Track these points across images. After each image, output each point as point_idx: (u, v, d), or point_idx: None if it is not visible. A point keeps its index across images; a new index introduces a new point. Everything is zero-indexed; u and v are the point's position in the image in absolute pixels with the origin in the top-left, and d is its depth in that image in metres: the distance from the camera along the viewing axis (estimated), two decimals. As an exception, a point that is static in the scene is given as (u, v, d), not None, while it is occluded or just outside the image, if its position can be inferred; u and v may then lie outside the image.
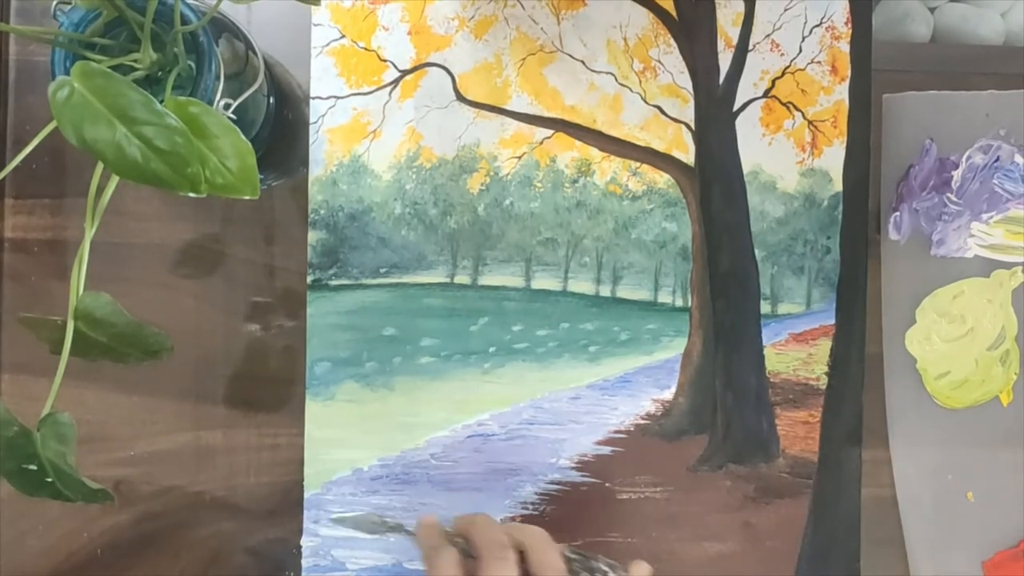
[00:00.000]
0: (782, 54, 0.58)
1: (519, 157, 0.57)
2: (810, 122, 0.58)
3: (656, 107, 0.58)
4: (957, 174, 0.60)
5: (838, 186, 0.58)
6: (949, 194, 0.59)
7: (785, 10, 0.58)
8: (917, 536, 0.59)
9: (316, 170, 0.56)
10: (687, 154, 0.58)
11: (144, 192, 0.55)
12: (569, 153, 0.57)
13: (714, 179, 0.58)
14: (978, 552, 0.60)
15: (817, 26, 0.58)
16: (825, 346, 0.58)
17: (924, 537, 0.59)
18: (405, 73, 0.56)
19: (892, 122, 0.60)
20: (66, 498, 0.38)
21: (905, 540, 0.59)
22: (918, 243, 0.60)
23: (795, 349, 0.58)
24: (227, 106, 0.43)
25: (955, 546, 0.59)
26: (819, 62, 0.58)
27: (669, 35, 0.58)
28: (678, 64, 0.58)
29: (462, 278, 0.57)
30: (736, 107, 0.58)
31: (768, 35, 0.58)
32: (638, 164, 0.58)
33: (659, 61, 0.58)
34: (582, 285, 0.58)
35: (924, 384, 0.60)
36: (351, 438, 0.56)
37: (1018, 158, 0.60)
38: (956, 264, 0.60)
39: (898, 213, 0.60)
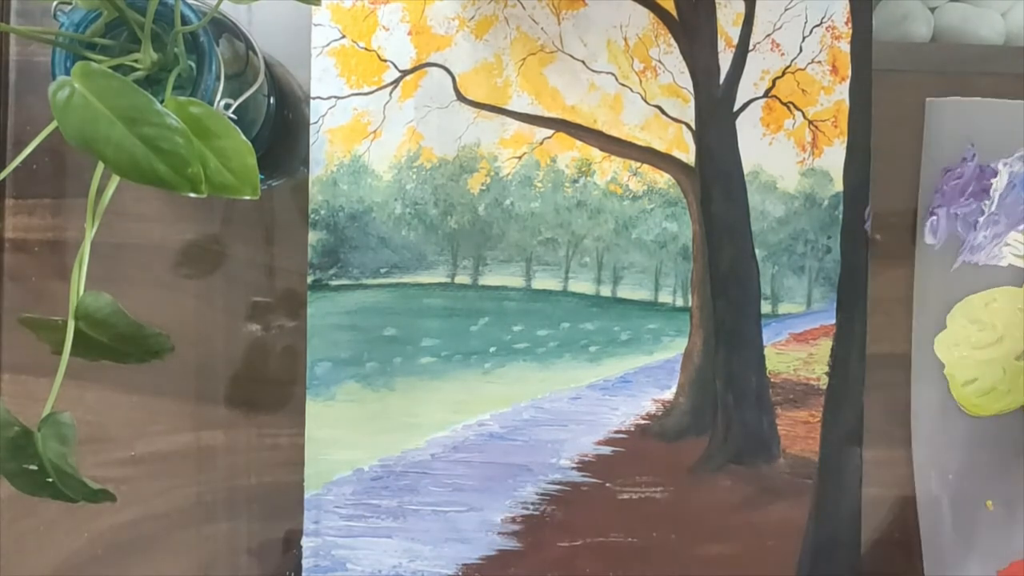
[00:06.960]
0: (782, 54, 0.58)
1: (519, 157, 0.57)
2: (810, 122, 0.58)
3: (656, 107, 0.58)
4: (996, 182, 0.59)
5: (839, 186, 0.58)
6: (987, 201, 0.59)
7: (785, 10, 0.58)
8: (933, 540, 0.59)
9: (316, 170, 0.56)
10: (687, 154, 0.58)
11: (144, 192, 0.55)
12: (569, 153, 0.57)
13: (714, 179, 0.58)
14: (994, 560, 0.59)
15: (817, 26, 0.58)
16: (826, 346, 0.58)
17: (940, 542, 0.59)
18: (405, 73, 0.56)
19: (934, 126, 0.60)
20: (67, 498, 0.38)
21: (922, 543, 0.59)
22: (953, 248, 0.60)
23: (796, 349, 0.58)
24: (227, 106, 0.43)
25: (971, 553, 0.59)
26: (819, 62, 0.58)
27: (669, 35, 0.58)
28: (678, 64, 0.58)
29: (462, 278, 0.57)
30: (736, 107, 0.58)
31: (768, 35, 0.58)
32: (638, 164, 0.58)
33: (659, 61, 0.58)
34: (582, 285, 0.58)
35: (950, 390, 0.59)
36: (351, 438, 0.56)
37: (1059, 169, 0.59)
38: (990, 272, 0.60)
39: (935, 217, 0.59)
